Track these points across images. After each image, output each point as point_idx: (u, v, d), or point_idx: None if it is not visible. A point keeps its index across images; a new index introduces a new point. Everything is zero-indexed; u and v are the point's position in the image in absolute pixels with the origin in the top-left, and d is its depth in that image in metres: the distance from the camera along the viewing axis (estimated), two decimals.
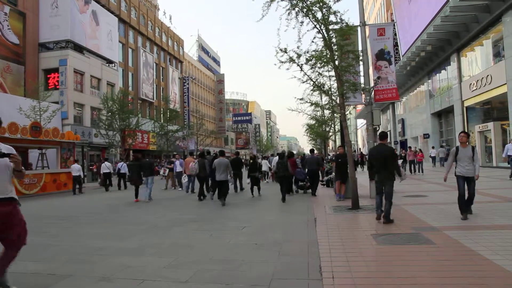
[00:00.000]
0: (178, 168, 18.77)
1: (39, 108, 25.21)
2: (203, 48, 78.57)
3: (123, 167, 21.24)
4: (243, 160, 19.43)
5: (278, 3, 9.32)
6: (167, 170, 20.46)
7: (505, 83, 19.39)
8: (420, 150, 24.62)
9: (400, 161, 10.42)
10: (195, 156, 18.85)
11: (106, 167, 20.99)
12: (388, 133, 50.04)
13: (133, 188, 14.84)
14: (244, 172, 18.71)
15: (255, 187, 14.75)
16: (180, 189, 18.41)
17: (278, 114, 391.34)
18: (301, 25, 9.43)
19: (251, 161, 16.31)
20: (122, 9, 44.94)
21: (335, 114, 21.46)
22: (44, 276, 4.96)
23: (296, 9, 9.29)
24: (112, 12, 41.68)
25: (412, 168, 21.71)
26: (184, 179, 17.53)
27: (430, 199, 10.47)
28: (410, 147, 23.98)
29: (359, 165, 29.01)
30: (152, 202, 13.71)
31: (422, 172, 20.99)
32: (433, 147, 29.58)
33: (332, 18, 9.47)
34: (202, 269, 5.00)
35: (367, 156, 9.83)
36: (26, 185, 17.21)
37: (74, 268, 5.25)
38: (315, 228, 7.25)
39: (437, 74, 31.63)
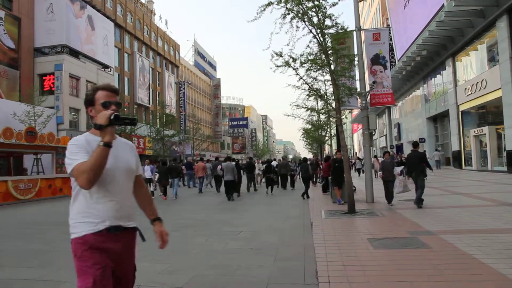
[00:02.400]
0: (148, 174, 17.22)
1: (33, 113, 25.09)
2: (199, 53, 78.64)
3: None
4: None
5: (273, 10, 9.34)
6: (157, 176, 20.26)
7: (500, 88, 19.52)
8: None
9: (400, 168, 10.79)
10: (206, 161, 21.65)
11: None
12: (384, 137, 50.27)
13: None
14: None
15: (269, 186, 17.67)
16: (154, 197, 16.36)
17: (274, 118, 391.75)
18: (296, 30, 9.46)
19: (266, 164, 19.57)
20: (118, 13, 44.95)
21: (331, 119, 21.51)
22: (40, 282, 4.92)
23: (292, 14, 9.31)
24: (107, 17, 41.67)
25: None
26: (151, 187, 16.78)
27: (426, 203, 10.48)
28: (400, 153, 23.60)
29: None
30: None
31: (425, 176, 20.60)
32: (424, 151, 29.64)
33: (327, 22, 9.52)
34: (198, 274, 4.98)
35: (354, 161, 12.39)
36: (21, 191, 17.08)
37: (69, 275, 5.20)
38: (311, 233, 7.24)
39: (433, 79, 31.82)
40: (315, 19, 9.43)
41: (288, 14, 9.31)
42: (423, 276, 4.37)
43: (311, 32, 9.58)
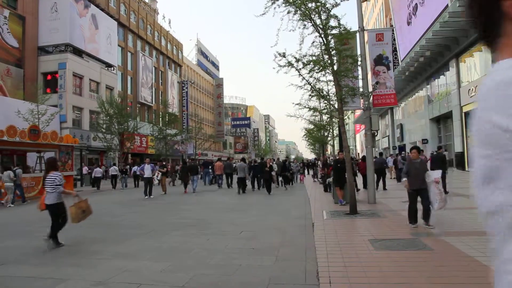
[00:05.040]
0: (148, 173, 17.45)
1: (37, 111, 25.18)
2: (202, 52, 78.68)
3: (137, 169, 24.96)
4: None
5: (278, 7, 9.35)
6: (160, 174, 20.40)
7: None
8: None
9: (438, 173, 8.30)
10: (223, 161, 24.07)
11: (114, 170, 24.98)
12: (387, 138, 50.15)
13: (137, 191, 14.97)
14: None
15: (286, 183, 20.28)
16: (152, 196, 16.89)
17: (276, 118, 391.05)
18: (303, 28, 9.47)
19: (282, 163, 21.89)
20: (122, 13, 45.04)
21: (333, 119, 21.49)
22: (42, 279, 4.94)
23: (299, 11, 9.32)
24: (111, 16, 41.77)
25: None
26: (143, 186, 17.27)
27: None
28: (422, 151, 22.21)
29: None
30: (155, 203, 13.73)
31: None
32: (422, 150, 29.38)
33: (331, 22, 9.52)
34: (199, 273, 4.99)
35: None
36: (24, 189, 17.15)
37: (71, 272, 5.23)
38: (312, 233, 7.24)
39: (436, 80, 31.70)
40: (318, 20, 9.43)
41: (295, 13, 9.31)
42: (424, 277, 4.37)
43: (315, 31, 9.58)
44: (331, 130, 26.45)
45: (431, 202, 7.13)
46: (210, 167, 26.09)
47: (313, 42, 9.83)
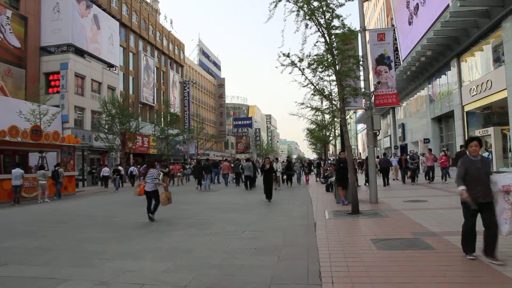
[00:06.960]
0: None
1: (39, 111, 25.21)
2: (203, 52, 78.70)
3: (135, 170, 27.30)
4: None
5: (285, 5, 9.36)
6: (162, 174, 20.41)
7: (505, 88, 19.38)
8: (444, 152, 20.21)
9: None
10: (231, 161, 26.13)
11: (106, 171, 25.54)
12: (388, 137, 50.09)
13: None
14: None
15: (289, 181, 22.53)
16: None
17: (278, 118, 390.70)
18: (305, 28, 9.47)
19: (286, 162, 24.35)
20: (123, 13, 45.08)
21: (335, 119, 21.47)
22: (44, 280, 4.96)
23: (302, 11, 9.32)
24: (113, 16, 41.81)
25: (431, 176, 18.33)
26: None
27: (431, 204, 10.46)
28: (430, 149, 20.56)
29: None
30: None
31: (447, 178, 18.33)
32: (422, 154, 29.44)
33: (335, 22, 9.52)
34: (201, 273, 4.99)
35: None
36: (26, 189, 17.19)
37: (73, 272, 5.25)
38: (314, 233, 7.24)
39: (437, 79, 31.66)
40: (322, 20, 9.42)
41: (299, 11, 9.31)
42: (427, 277, 4.36)
43: (318, 30, 9.57)
44: (332, 130, 26.44)
45: (502, 223, 4.91)
46: (219, 167, 28.55)
47: (316, 41, 9.83)
